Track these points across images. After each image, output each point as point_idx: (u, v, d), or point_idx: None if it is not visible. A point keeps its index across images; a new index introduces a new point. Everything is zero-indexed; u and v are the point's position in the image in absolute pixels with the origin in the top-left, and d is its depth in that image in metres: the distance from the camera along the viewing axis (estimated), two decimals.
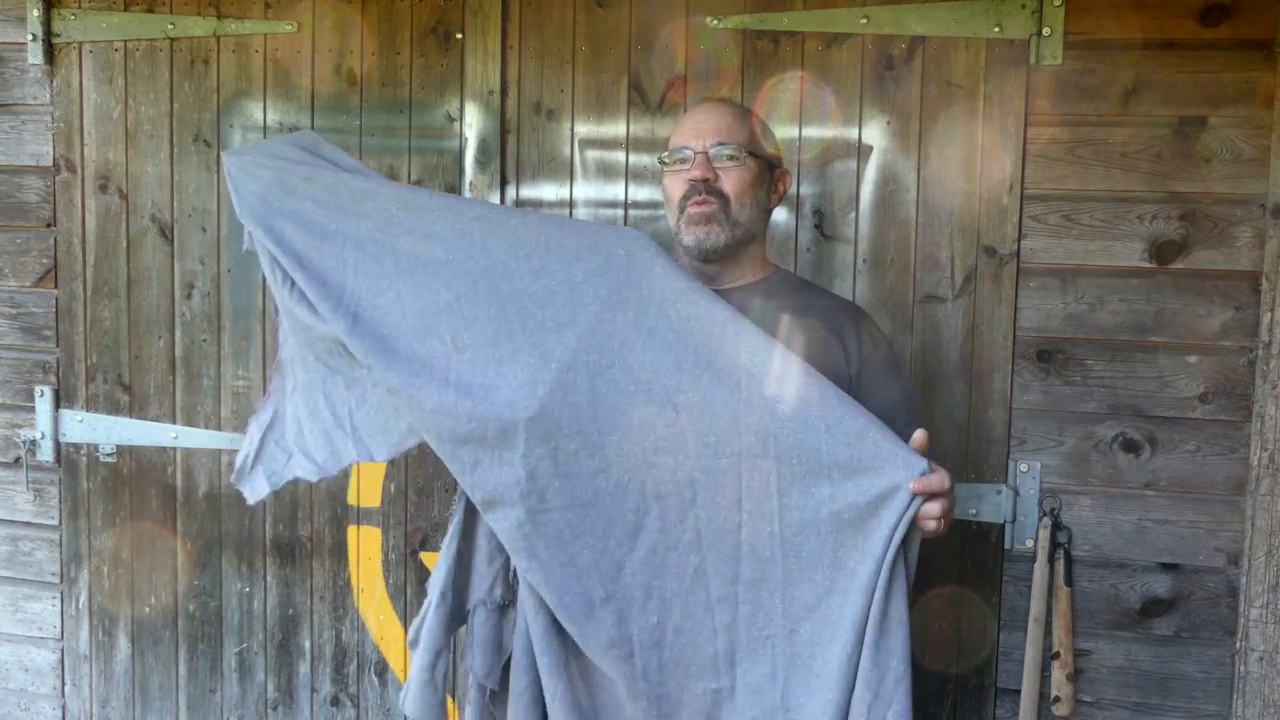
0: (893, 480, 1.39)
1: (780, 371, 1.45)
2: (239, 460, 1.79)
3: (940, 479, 1.39)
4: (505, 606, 1.70)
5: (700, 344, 1.48)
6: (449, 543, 1.70)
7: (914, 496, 1.38)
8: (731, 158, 1.62)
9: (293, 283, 1.65)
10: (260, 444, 1.79)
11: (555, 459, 1.50)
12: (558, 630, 1.58)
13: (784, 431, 1.44)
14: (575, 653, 1.59)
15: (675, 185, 1.65)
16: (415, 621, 1.72)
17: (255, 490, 1.78)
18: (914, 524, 1.40)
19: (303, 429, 1.75)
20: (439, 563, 1.71)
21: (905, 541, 1.40)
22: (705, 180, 1.61)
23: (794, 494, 1.44)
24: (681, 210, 1.64)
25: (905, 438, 1.64)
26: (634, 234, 1.56)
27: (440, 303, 1.57)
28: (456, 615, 1.71)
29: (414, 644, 1.72)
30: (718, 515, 1.49)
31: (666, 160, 1.68)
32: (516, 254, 1.58)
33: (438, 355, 1.55)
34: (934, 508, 1.39)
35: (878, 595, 1.39)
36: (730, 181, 1.62)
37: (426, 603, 1.72)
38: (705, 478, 1.49)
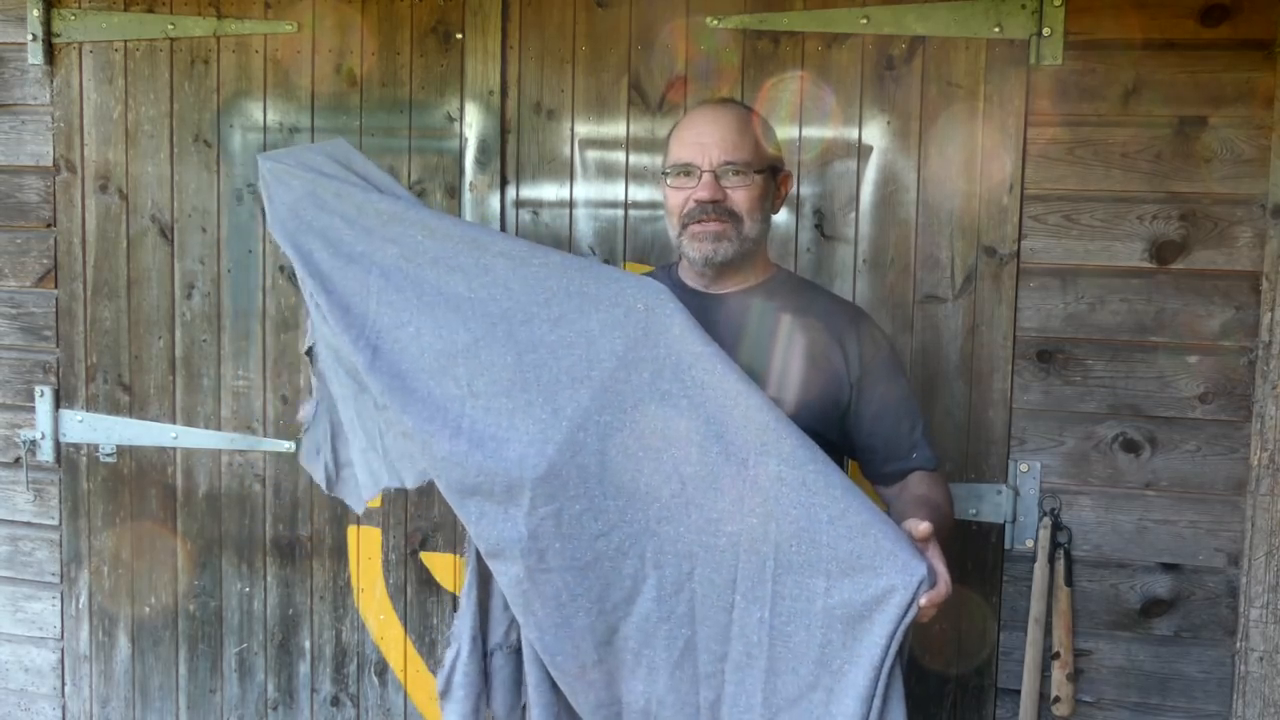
0: (890, 583, 1.35)
1: (790, 453, 1.41)
2: (320, 475, 1.78)
3: (941, 589, 1.35)
4: (521, 650, 1.70)
5: (712, 414, 1.46)
6: (468, 589, 1.70)
7: (911, 604, 1.34)
8: (739, 174, 1.59)
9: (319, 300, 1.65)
10: (334, 450, 1.78)
11: (559, 520, 1.50)
12: (552, 683, 1.58)
13: (786, 518, 1.41)
14: (567, 707, 1.60)
15: (678, 198, 1.62)
16: (442, 673, 1.71)
17: (353, 500, 1.77)
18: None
19: (349, 444, 1.75)
20: (461, 611, 1.71)
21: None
22: (715, 202, 1.58)
23: (788, 582, 1.41)
24: (685, 225, 1.61)
25: (911, 442, 1.65)
26: (655, 287, 1.53)
27: (459, 344, 1.57)
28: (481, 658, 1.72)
29: (445, 694, 1.70)
30: (712, 592, 1.47)
31: (669, 172, 1.64)
32: (536, 298, 1.57)
33: (453, 400, 1.55)
34: (927, 614, 1.36)
35: (874, 709, 1.36)
36: (739, 200, 1.59)
37: (453, 652, 1.70)
38: (704, 553, 1.47)
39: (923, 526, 1.38)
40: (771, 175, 1.65)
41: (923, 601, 1.33)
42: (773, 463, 1.41)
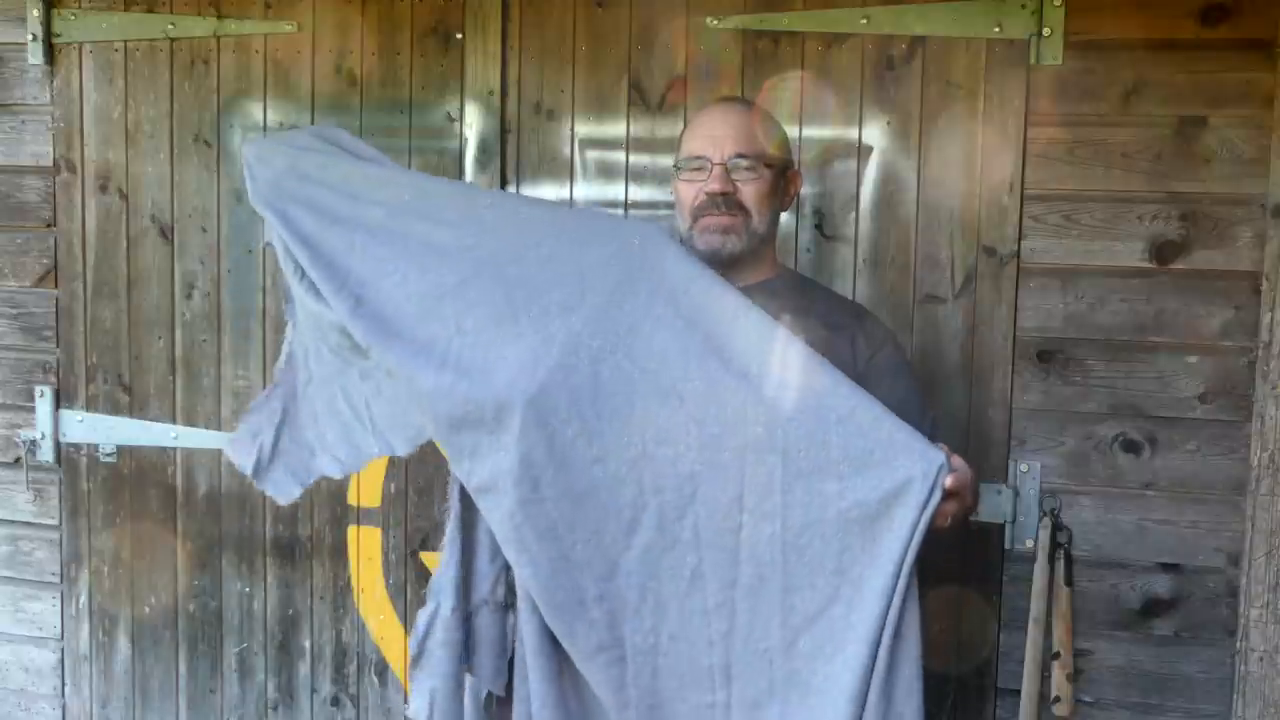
0: (907, 474, 1.30)
1: (792, 360, 1.39)
2: (248, 460, 1.73)
3: (963, 473, 1.31)
4: (509, 606, 1.63)
5: (709, 331, 1.44)
6: (450, 541, 1.63)
7: (931, 492, 1.29)
8: (750, 169, 1.61)
9: (303, 271, 1.61)
10: (275, 440, 1.74)
11: (551, 445, 1.44)
12: (552, 637, 1.51)
13: (792, 423, 1.37)
14: (569, 661, 1.52)
15: (689, 191, 1.64)
16: (415, 637, 1.62)
17: (282, 490, 1.73)
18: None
19: (321, 425, 1.72)
20: (443, 564, 1.63)
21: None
22: (725, 194, 1.60)
23: (798, 490, 1.36)
24: (695, 218, 1.63)
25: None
26: (650, 225, 1.53)
27: (445, 285, 1.54)
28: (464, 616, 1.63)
29: (419, 658, 1.61)
30: (717, 513, 1.42)
31: (681, 165, 1.66)
32: (526, 240, 1.55)
33: (439, 338, 1.51)
34: (950, 505, 1.31)
35: (892, 612, 1.32)
36: (749, 194, 1.61)
37: (430, 610, 1.61)
38: (707, 471, 1.42)
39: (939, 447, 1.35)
40: (781, 173, 1.67)
41: (947, 483, 1.28)
42: (776, 371, 1.38)
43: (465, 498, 1.60)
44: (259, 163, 1.69)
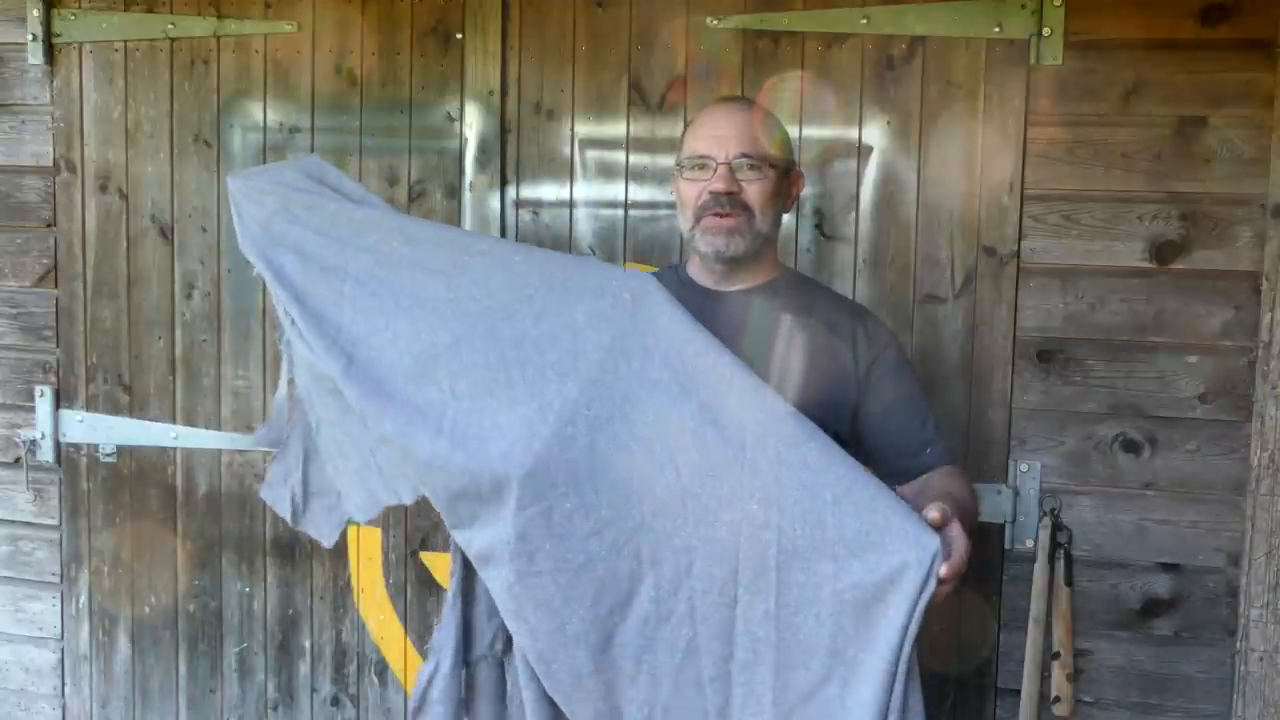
0: (902, 560, 1.27)
1: (789, 433, 1.36)
2: (285, 506, 1.72)
3: (958, 558, 1.27)
4: (507, 654, 1.64)
5: (706, 399, 1.41)
6: (451, 600, 1.64)
7: (927, 579, 1.26)
8: (754, 168, 1.60)
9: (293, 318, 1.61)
10: (304, 481, 1.72)
11: (549, 519, 1.43)
12: (549, 699, 1.51)
13: (788, 500, 1.34)
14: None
15: (692, 191, 1.63)
16: (417, 689, 1.63)
17: (323, 532, 1.71)
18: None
19: (337, 467, 1.68)
20: (444, 623, 1.64)
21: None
22: (729, 194, 1.59)
23: (794, 569, 1.34)
24: (699, 218, 1.62)
25: (922, 438, 1.63)
26: (641, 276, 1.50)
27: (439, 345, 1.52)
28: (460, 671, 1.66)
29: (420, 710, 1.63)
30: (713, 588, 1.40)
31: (685, 164, 1.65)
32: (519, 294, 1.52)
33: (433, 403, 1.49)
34: (946, 587, 1.28)
35: (895, 700, 1.29)
36: (753, 193, 1.60)
37: (431, 666, 1.63)
38: (703, 545, 1.40)
39: (933, 514, 1.31)
40: (784, 174, 1.66)
41: (941, 572, 1.26)
42: (771, 444, 1.36)
43: (465, 560, 1.59)
44: (246, 201, 1.66)
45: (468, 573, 1.61)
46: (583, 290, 1.51)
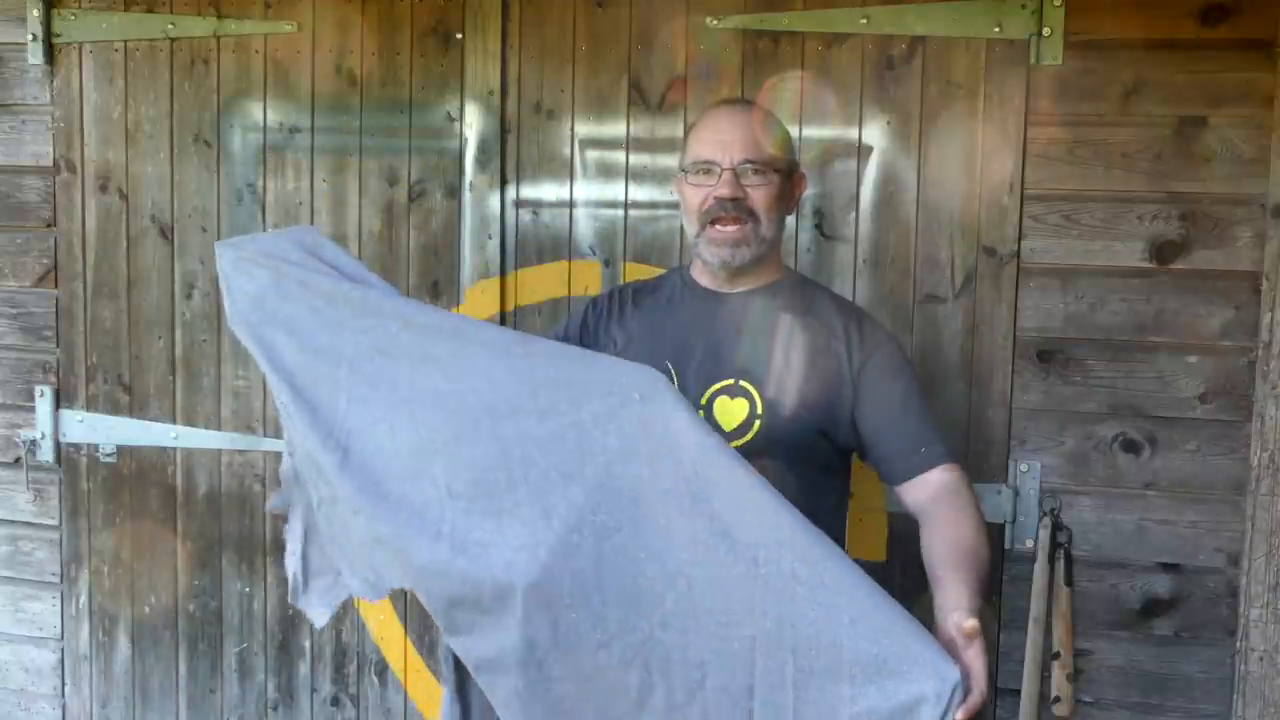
0: (920, 691, 1.22)
1: (804, 549, 1.30)
2: (290, 578, 1.67)
3: (976, 700, 1.23)
4: None
5: (718, 510, 1.34)
6: (449, 713, 1.60)
7: (945, 713, 1.21)
8: (758, 173, 1.60)
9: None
10: (303, 560, 1.65)
11: (555, 629, 1.38)
12: None
13: (803, 620, 1.29)
14: None
15: (697, 196, 1.62)
16: None
17: (314, 612, 1.64)
18: None
19: (340, 546, 1.61)
20: None
21: None
22: (734, 199, 1.59)
23: (811, 688, 1.29)
24: (703, 225, 1.62)
25: (919, 437, 1.60)
26: (651, 374, 1.42)
27: (437, 442, 1.45)
28: None
29: None
30: (727, 699, 1.34)
31: (689, 169, 1.65)
32: (522, 389, 1.44)
33: (430, 502, 1.43)
34: (960, 715, 1.23)
35: None
36: (758, 199, 1.60)
37: None
38: (716, 660, 1.34)
39: (969, 624, 1.27)
40: (788, 177, 1.66)
41: (959, 716, 1.21)
42: (786, 560, 1.30)
43: (459, 666, 1.54)
44: (236, 274, 1.59)
45: (462, 678, 1.57)
46: (590, 387, 1.43)
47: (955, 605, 1.33)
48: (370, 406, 1.49)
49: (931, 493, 1.57)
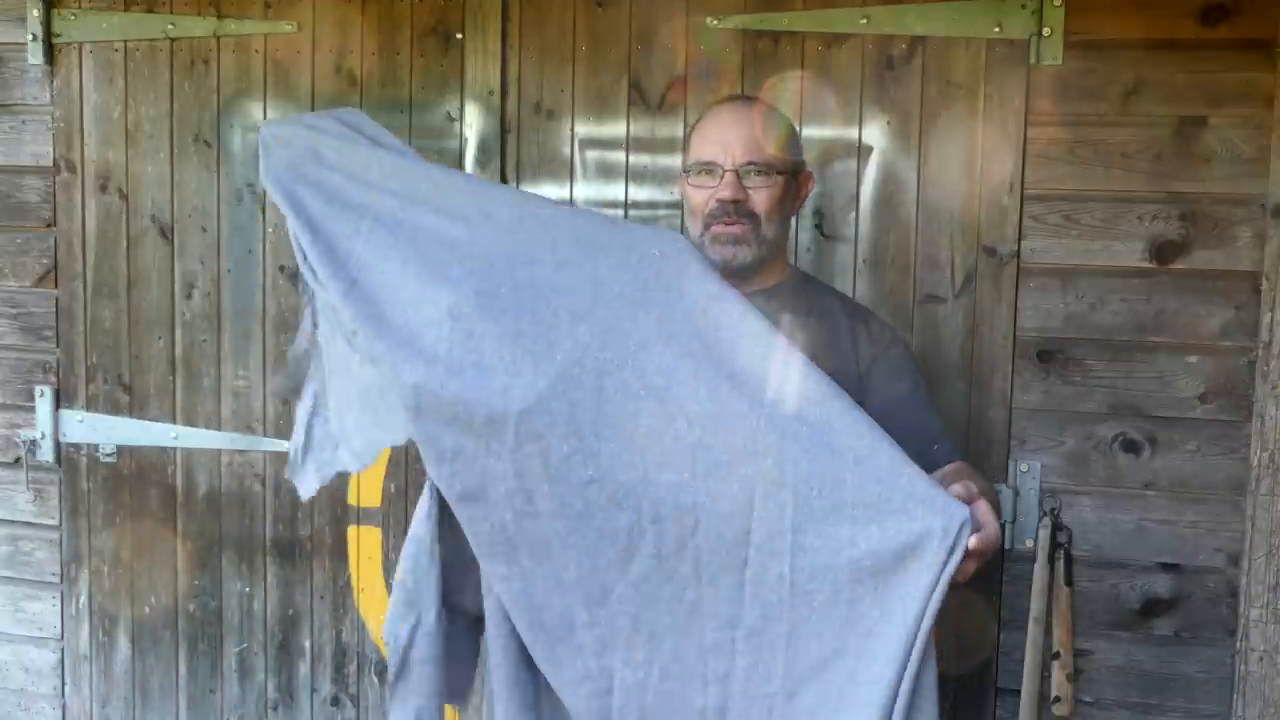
0: (925, 527, 1.19)
1: (811, 390, 1.29)
2: (291, 452, 1.65)
3: (989, 532, 1.19)
4: (480, 618, 1.52)
5: (725, 354, 1.34)
6: (428, 544, 1.50)
7: (951, 551, 1.18)
8: (761, 174, 1.58)
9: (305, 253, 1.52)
10: (307, 432, 1.63)
11: (545, 459, 1.35)
12: (529, 664, 1.42)
13: (806, 458, 1.26)
14: (547, 691, 1.43)
15: (699, 198, 1.61)
16: (394, 654, 1.49)
17: (306, 486, 1.63)
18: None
19: (342, 414, 1.61)
20: (420, 572, 1.49)
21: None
22: (736, 202, 1.57)
23: (810, 532, 1.26)
24: (706, 226, 1.61)
25: (927, 438, 1.59)
26: (672, 234, 1.45)
27: (448, 277, 1.43)
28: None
29: (401, 675, 1.49)
30: (721, 548, 1.32)
31: (691, 170, 1.63)
32: (542, 243, 1.45)
33: (430, 323, 1.40)
34: (971, 564, 1.21)
35: (905, 680, 1.23)
36: (761, 201, 1.59)
37: (410, 624, 1.49)
38: (711, 503, 1.32)
39: (956, 489, 1.24)
40: (793, 175, 1.65)
41: (971, 543, 1.18)
42: (791, 399, 1.28)
43: (443, 502, 1.48)
44: (276, 143, 1.60)
45: (444, 516, 1.50)
46: (609, 245, 1.44)
47: (953, 483, 1.29)
48: (386, 248, 1.48)
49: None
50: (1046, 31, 1.99)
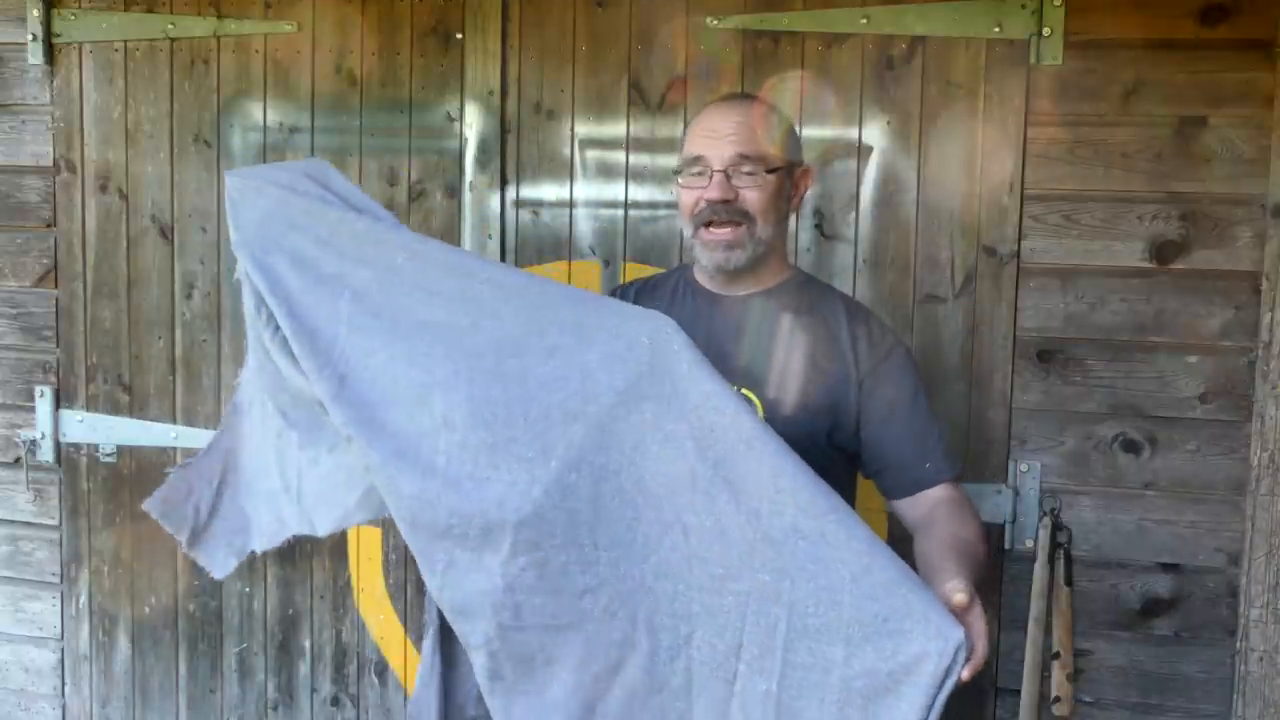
0: (922, 649, 1.16)
1: (807, 502, 1.25)
2: (182, 526, 1.56)
3: (980, 658, 1.18)
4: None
5: (721, 458, 1.29)
6: (430, 663, 1.54)
7: (948, 674, 1.15)
8: (751, 173, 1.53)
9: (277, 325, 1.50)
10: (214, 503, 1.59)
11: (542, 571, 1.34)
12: None
13: (803, 574, 1.23)
14: None
15: (690, 198, 1.57)
16: None
17: (216, 562, 1.57)
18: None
19: (253, 488, 1.57)
20: (421, 686, 1.55)
21: None
22: (725, 202, 1.52)
23: (801, 650, 1.24)
24: (697, 229, 1.57)
25: (924, 449, 1.57)
26: (660, 320, 1.37)
27: (437, 375, 1.41)
28: None
29: None
30: (713, 659, 1.30)
31: (681, 170, 1.59)
32: (530, 329, 1.41)
33: (425, 433, 1.39)
34: (965, 674, 1.18)
35: None
36: (752, 200, 1.53)
37: None
38: (706, 615, 1.30)
39: (958, 596, 1.21)
40: (788, 173, 1.60)
41: (964, 675, 1.16)
42: (789, 512, 1.25)
43: (442, 615, 1.50)
44: (243, 200, 1.56)
45: (446, 629, 1.52)
46: (598, 330, 1.39)
47: (949, 579, 1.27)
48: (371, 337, 1.45)
49: (930, 507, 1.54)
50: (1046, 31, 1.99)
